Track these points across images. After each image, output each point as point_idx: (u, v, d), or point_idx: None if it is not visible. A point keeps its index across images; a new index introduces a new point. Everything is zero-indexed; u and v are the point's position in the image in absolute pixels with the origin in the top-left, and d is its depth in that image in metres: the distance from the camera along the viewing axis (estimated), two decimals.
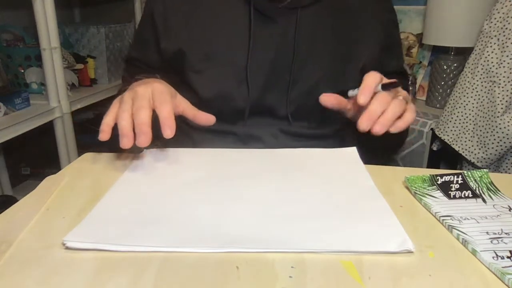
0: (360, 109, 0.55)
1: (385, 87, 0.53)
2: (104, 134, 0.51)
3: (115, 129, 0.75)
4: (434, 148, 1.33)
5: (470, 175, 0.50)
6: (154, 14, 0.72)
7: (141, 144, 0.48)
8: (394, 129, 0.53)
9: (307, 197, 0.46)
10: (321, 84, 0.69)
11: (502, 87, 1.07)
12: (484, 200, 0.47)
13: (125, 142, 0.49)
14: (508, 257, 0.36)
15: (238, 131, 0.70)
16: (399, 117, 0.54)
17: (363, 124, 0.52)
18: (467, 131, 1.17)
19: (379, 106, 0.52)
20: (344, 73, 0.71)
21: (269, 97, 0.70)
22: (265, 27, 0.68)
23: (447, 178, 0.50)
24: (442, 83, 1.39)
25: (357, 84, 0.72)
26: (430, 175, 0.51)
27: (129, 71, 0.79)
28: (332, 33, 0.70)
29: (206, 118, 0.58)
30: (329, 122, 0.72)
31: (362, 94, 0.53)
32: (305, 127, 0.71)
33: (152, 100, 0.52)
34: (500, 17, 1.09)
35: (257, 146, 0.69)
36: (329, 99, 0.60)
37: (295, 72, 0.68)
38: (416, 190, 0.49)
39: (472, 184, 0.49)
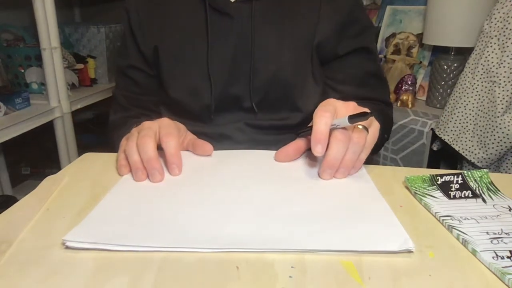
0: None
1: (352, 119, 0.46)
2: (124, 169, 0.52)
3: (115, 130, 0.76)
4: (434, 148, 1.33)
5: (470, 175, 0.50)
6: (131, 20, 0.74)
7: (156, 180, 0.50)
8: (352, 172, 0.52)
9: (307, 197, 0.46)
10: (284, 70, 0.70)
11: (502, 87, 1.07)
12: (484, 200, 0.47)
13: (140, 176, 0.50)
14: (508, 257, 0.36)
15: (207, 131, 0.71)
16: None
17: (325, 175, 0.50)
18: (467, 131, 1.17)
19: (339, 151, 0.48)
20: (305, 57, 0.71)
21: (233, 89, 0.71)
22: (222, 22, 0.70)
23: (447, 178, 0.50)
24: (442, 83, 1.39)
25: (318, 69, 0.72)
26: (430, 175, 0.51)
27: (122, 84, 0.80)
28: (290, 20, 0.71)
29: (202, 148, 0.58)
30: (295, 112, 0.72)
31: (316, 144, 0.47)
32: (271, 118, 0.72)
33: (158, 132, 0.53)
34: (500, 17, 1.09)
35: (227, 143, 0.70)
36: (284, 156, 0.56)
37: (256, 61, 0.70)
38: (416, 190, 0.49)
39: (472, 184, 0.49)
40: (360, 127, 0.49)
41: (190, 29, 0.72)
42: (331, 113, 0.48)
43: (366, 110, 0.48)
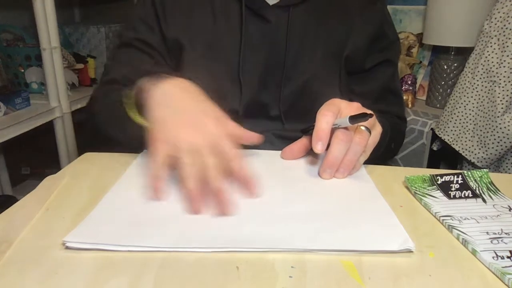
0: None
1: (353, 119, 0.46)
2: (159, 193, 0.44)
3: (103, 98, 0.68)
4: (434, 148, 1.33)
5: (470, 175, 0.50)
6: (156, 5, 0.70)
7: (225, 214, 0.42)
8: (352, 172, 0.51)
9: (307, 198, 0.46)
10: (314, 81, 0.69)
11: (502, 87, 1.07)
12: (484, 200, 0.47)
13: (198, 209, 0.42)
14: (508, 257, 0.36)
15: None
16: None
17: (325, 174, 0.50)
18: (467, 131, 1.17)
19: (340, 150, 0.48)
20: (336, 69, 0.70)
21: (262, 95, 0.69)
22: (257, 26, 0.68)
23: (447, 178, 0.50)
24: (442, 83, 1.39)
25: (345, 81, 0.71)
26: (430, 175, 0.51)
27: (126, 57, 0.72)
28: (324, 30, 0.70)
29: (251, 137, 0.51)
30: None
31: (317, 142, 0.47)
32: (297, 129, 0.69)
33: (217, 149, 0.44)
34: (500, 17, 1.09)
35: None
36: (290, 154, 0.57)
37: (288, 70, 0.68)
38: (416, 190, 0.49)
39: (472, 184, 0.49)
40: (363, 128, 0.49)
41: (222, 28, 0.69)
42: (333, 113, 0.49)
43: (368, 111, 0.48)
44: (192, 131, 0.45)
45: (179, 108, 0.48)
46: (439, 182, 0.49)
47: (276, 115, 0.70)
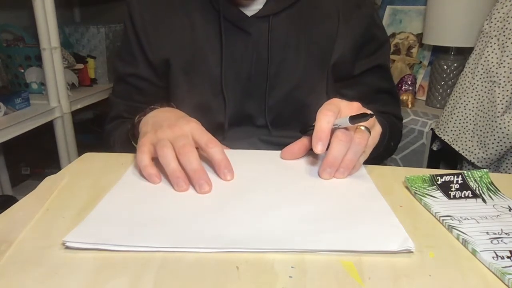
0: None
1: (353, 119, 0.46)
2: (156, 178, 0.49)
3: (112, 132, 0.73)
4: (434, 148, 1.33)
5: (470, 175, 0.50)
6: (137, 29, 0.70)
7: (205, 192, 0.46)
8: (352, 172, 0.51)
9: (307, 198, 0.46)
10: (299, 89, 0.68)
11: (502, 87, 1.07)
12: (484, 200, 0.47)
13: (183, 186, 0.47)
14: (508, 257, 0.36)
15: None
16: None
17: (325, 174, 0.50)
18: (467, 131, 1.17)
19: (340, 150, 0.48)
20: (320, 77, 0.69)
21: (247, 106, 0.69)
22: (237, 37, 0.67)
23: (447, 178, 0.50)
24: (442, 83, 1.39)
25: (332, 87, 0.70)
26: (430, 175, 0.51)
27: (123, 93, 0.76)
28: (307, 38, 0.68)
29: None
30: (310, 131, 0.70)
31: (317, 142, 0.47)
32: (285, 136, 0.68)
33: (193, 138, 0.50)
34: (500, 17, 1.09)
35: None
36: (290, 154, 0.57)
37: (271, 79, 0.67)
38: (416, 190, 0.49)
39: (472, 184, 0.49)
40: (363, 128, 0.49)
41: (202, 42, 0.68)
42: (334, 112, 0.48)
43: (368, 111, 0.48)
44: (171, 127, 0.50)
45: (160, 119, 0.54)
46: (439, 182, 0.49)
47: (262, 124, 0.70)
